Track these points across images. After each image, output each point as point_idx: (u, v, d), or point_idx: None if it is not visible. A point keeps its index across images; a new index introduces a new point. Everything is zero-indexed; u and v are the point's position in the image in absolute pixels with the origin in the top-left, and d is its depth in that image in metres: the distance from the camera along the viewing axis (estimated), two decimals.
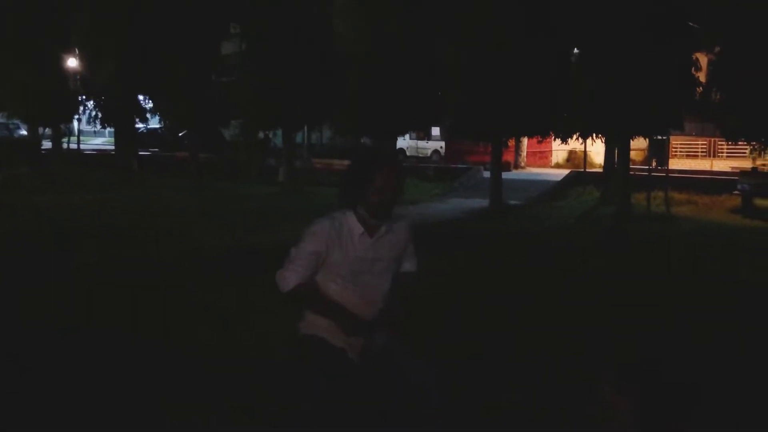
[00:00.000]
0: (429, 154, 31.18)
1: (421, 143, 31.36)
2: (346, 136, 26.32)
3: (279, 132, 23.95)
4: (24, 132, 31.71)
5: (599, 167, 23.34)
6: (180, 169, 24.53)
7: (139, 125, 27.28)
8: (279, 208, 16.89)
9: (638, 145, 20.94)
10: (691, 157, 28.83)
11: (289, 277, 2.88)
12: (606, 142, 18.99)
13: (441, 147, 30.98)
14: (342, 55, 19.64)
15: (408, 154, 30.95)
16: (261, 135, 27.09)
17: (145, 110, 25.57)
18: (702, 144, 28.85)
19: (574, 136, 18.03)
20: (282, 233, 12.76)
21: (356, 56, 18.94)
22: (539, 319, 6.52)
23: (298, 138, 26.29)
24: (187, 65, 21.69)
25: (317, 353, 2.89)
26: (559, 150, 29.52)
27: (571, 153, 29.36)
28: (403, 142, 29.39)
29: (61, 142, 29.00)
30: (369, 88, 18.35)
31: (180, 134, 28.78)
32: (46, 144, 29.16)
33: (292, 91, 19.83)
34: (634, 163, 21.68)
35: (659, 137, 17.67)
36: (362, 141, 25.50)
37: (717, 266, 10.06)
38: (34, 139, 28.46)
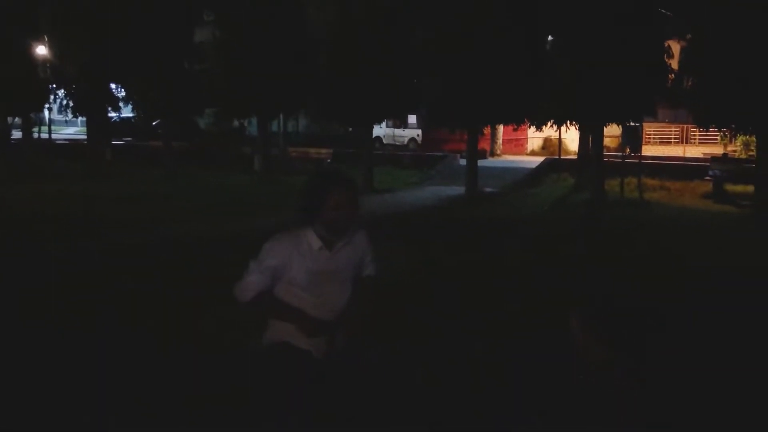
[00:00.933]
0: (406, 142, 31.19)
1: (398, 131, 31.35)
2: (322, 124, 26.26)
3: (254, 120, 23.78)
4: None
5: (574, 154, 23.51)
6: (154, 158, 24.28)
7: (112, 114, 26.89)
8: (254, 197, 16.81)
9: (612, 132, 21.11)
10: (664, 144, 29.17)
11: (248, 289, 2.99)
12: (580, 129, 19.13)
13: (418, 135, 31.00)
14: (316, 42, 19.51)
15: (385, 142, 30.94)
16: (236, 123, 26.90)
17: (117, 99, 25.17)
18: (675, 130, 29.20)
19: (549, 124, 18.11)
20: (256, 222, 12.74)
21: (331, 43, 18.82)
22: (511, 300, 6.56)
23: (274, 126, 26.10)
24: (160, 53, 21.40)
25: (283, 356, 2.97)
26: (534, 137, 29.69)
27: (547, 140, 29.55)
28: (380, 130, 29.35)
29: (32, 132, 28.47)
30: (344, 76, 18.25)
31: (154, 123, 28.43)
32: (16, 134, 28.65)
33: (267, 79, 19.68)
34: (608, 149, 21.88)
35: (632, 124, 17.82)
36: (349, 129, 25.33)
37: (686, 250, 10.21)
38: (3, 128, 27.91)
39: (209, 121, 28.74)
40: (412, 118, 30.30)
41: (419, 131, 30.84)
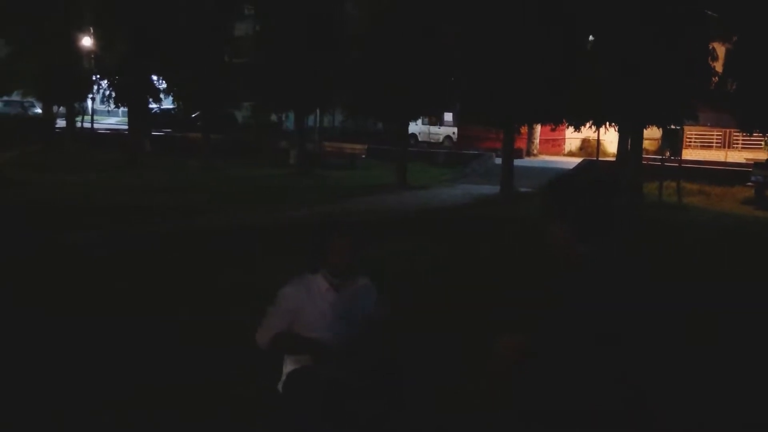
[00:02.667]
0: (441, 140, 31.09)
1: (433, 128, 31.25)
2: (357, 120, 26.32)
3: (291, 115, 23.96)
4: (38, 110, 31.90)
5: (612, 156, 23.18)
6: (192, 149, 24.63)
7: (153, 105, 27.34)
8: (288, 191, 16.94)
9: (652, 134, 20.79)
10: (705, 148, 28.56)
11: (267, 333, 3.30)
12: (619, 131, 18.83)
13: (453, 133, 30.87)
14: (355, 38, 19.57)
15: (420, 139, 30.88)
16: (273, 117, 27.13)
17: (158, 90, 25.62)
18: (717, 134, 28.56)
19: (588, 125, 17.90)
20: (290, 214, 12.87)
21: (369, 39, 18.85)
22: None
23: (310, 121, 26.27)
24: (201, 46, 21.69)
25: (302, 378, 3.22)
26: (572, 138, 29.34)
27: (585, 141, 29.18)
28: (415, 127, 29.25)
29: (75, 121, 29.16)
30: (381, 72, 18.26)
31: (193, 115, 28.85)
32: (60, 123, 29.33)
33: (305, 74, 19.81)
34: (647, 152, 21.53)
35: (673, 127, 17.51)
36: (384, 125, 25.35)
37: (721, 254, 9.99)
38: (48, 117, 28.61)
39: (247, 114, 29.04)
40: (447, 116, 30.23)
41: (455, 129, 30.71)
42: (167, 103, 28.97)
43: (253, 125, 27.49)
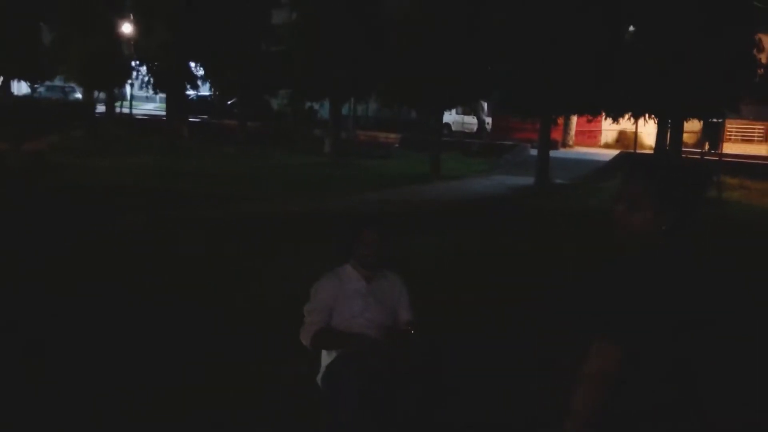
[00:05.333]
0: (474, 130, 30.90)
1: (467, 118, 31.06)
2: (392, 109, 26.29)
3: (326, 103, 24.03)
4: (79, 95, 32.46)
5: (650, 149, 22.84)
6: (228, 136, 24.85)
7: (190, 92, 27.64)
8: (322, 179, 17.02)
9: (691, 127, 20.40)
10: (746, 142, 27.94)
11: (310, 330, 3.39)
12: (659, 124, 18.54)
13: (488, 123, 30.66)
14: (390, 27, 19.52)
15: (453, 129, 30.71)
16: (308, 106, 27.23)
17: (196, 77, 25.89)
18: (759, 128, 27.92)
19: (626, 116, 17.64)
20: (323, 203, 12.95)
21: (407, 27, 18.77)
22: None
23: (345, 110, 26.32)
24: (238, 33, 21.84)
25: (346, 365, 3.28)
26: (609, 130, 28.94)
27: (621, 133, 28.75)
28: (449, 116, 29.09)
29: (114, 106, 29.62)
30: (418, 61, 18.19)
31: (229, 102, 29.10)
32: (100, 108, 29.81)
33: (341, 63, 19.84)
34: (686, 145, 21.15)
35: (714, 120, 17.18)
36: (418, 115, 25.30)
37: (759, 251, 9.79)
38: (89, 102, 29.11)
39: (283, 102, 29.21)
40: (483, 105, 30.01)
41: (489, 119, 30.50)
42: (204, 90, 29.27)
43: (289, 113, 27.62)
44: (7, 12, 24.31)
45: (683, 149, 18.26)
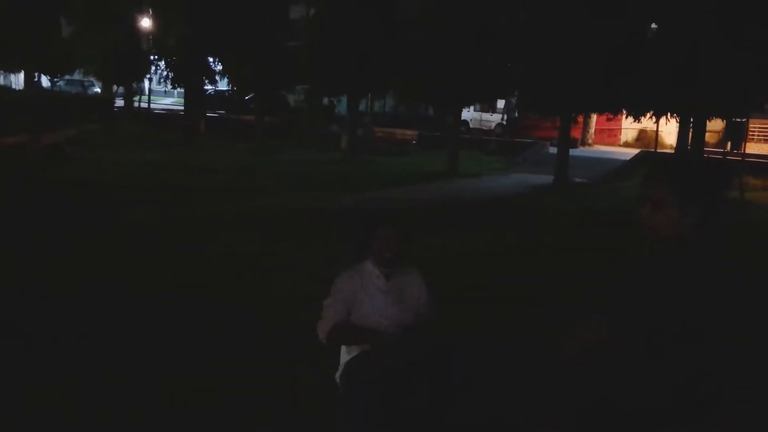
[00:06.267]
0: (493, 127, 30.68)
1: (486, 116, 30.84)
2: (409, 106, 26.16)
3: (343, 99, 23.94)
4: (98, 90, 32.67)
5: (670, 148, 22.53)
6: (244, 131, 24.86)
7: (208, 87, 27.73)
8: (338, 176, 16.94)
9: (713, 126, 20.07)
10: None
11: (327, 324, 3.34)
12: (680, 123, 18.24)
13: (504, 120, 30.42)
14: (408, 24, 19.37)
15: (471, 126, 30.50)
16: (325, 101, 27.15)
17: (214, 72, 25.93)
18: None
19: (648, 115, 17.37)
20: (338, 200, 12.85)
21: (423, 24, 18.62)
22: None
23: (362, 106, 26.21)
24: (256, 28, 21.80)
25: (363, 363, 3.24)
26: (629, 129, 28.62)
27: (642, 132, 28.42)
28: (467, 113, 28.89)
29: (133, 101, 29.76)
30: (434, 57, 18.03)
31: (246, 97, 29.10)
32: (119, 102, 29.96)
33: (359, 58, 19.73)
34: (708, 145, 20.81)
35: (738, 119, 16.87)
36: (435, 112, 25.20)
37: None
38: (107, 97, 29.27)
39: (299, 98, 29.17)
40: (500, 103, 29.76)
41: (506, 116, 30.26)
42: (222, 85, 29.32)
43: (305, 109, 27.58)
44: (28, 6, 24.44)
45: (705, 149, 17.94)
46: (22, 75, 28.28)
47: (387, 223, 3.38)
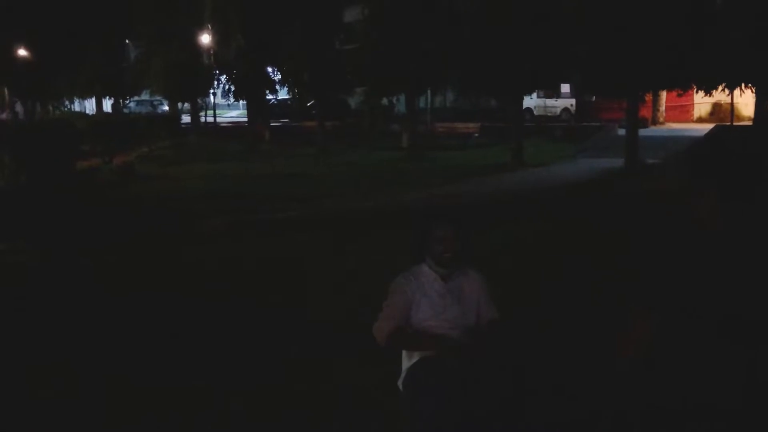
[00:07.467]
0: (558, 113, 29.90)
1: (550, 101, 30.05)
2: (470, 99, 25.81)
3: (402, 98, 23.87)
4: (166, 108, 33.73)
5: (748, 120, 21.38)
6: (308, 137, 25.15)
7: (270, 97, 28.18)
8: (400, 173, 16.87)
9: None
10: None
11: (383, 329, 3.24)
12: (756, 93, 17.25)
13: (571, 105, 29.61)
14: (464, 13, 19.08)
15: (536, 113, 29.77)
16: (385, 101, 27.17)
17: (273, 82, 26.34)
18: None
19: (720, 88, 16.52)
20: (403, 196, 12.77)
21: (479, 11, 18.29)
22: None
23: (422, 103, 26.06)
24: (311, 35, 21.99)
25: (427, 367, 3.16)
26: (701, 103, 27.38)
27: (716, 106, 27.16)
28: (530, 101, 28.16)
29: (199, 116, 30.58)
30: (494, 46, 17.67)
31: (308, 104, 29.44)
32: (186, 118, 30.84)
33: (415, 56, 19.60)
34: None
35: None
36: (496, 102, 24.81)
37: None
38: (174, 114, 30.18)
39: (360, 100, 29.31)
40: (564, 87, 28.97)
41: (572, 101, 29.44)
42: (283, 94, 29.75)
43: (366, 110, 27.66)
44: (95, 33, 25.49)
45: None
46: (93, 100, 29.48)
47: (443, 222, 3.26)
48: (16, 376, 4.41)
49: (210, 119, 32.64)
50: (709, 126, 24.39)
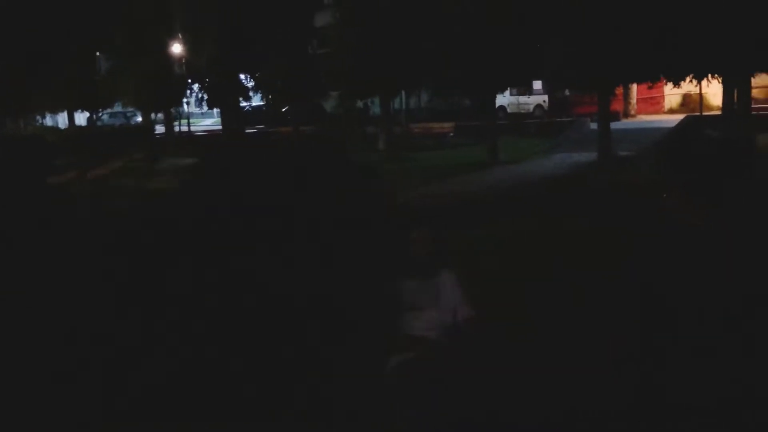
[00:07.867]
0: (531, 110, 30.13)
1: (523, 98, 30.25)
2: (444, 98, 25.95)
3: (377, 100, 23.94)
4: (140, 119, 33.45)
5: (717, 110, 21.72)
6: (284, 143, 25.06)
7: (244, 104, 28.07)
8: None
9: (761, 81, 19.28)
10: None
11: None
12: (723, 82, 17.56)
13: (544, 101, 29.84)
14: (434, 14, 19.18)
15: (509, 111, 29.95)
16: (359, 104, 27.22)
17: (247, 89, 26.25)
18: None
19: (688, 78, 16.78)
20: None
21: (450, 12, 18.40)
22: None
23: (397, 104, 26.14)
24: (283, 40, 21.98)
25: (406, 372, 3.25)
26: (672, 95, 27.76)
27: (686, 96, 27.54)
28: (503, 98, 28.36)
29: (173, 126, 30.37)
30: (463, 44, 17.78)
31: (283, 110, 29.39)
32: (160, 128, 30.60)
33: (388, 58, 19.67)
34: (756, 101, 20.01)
35: None
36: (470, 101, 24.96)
37: None
38: (147, 125, 29.93)
39: (335, 104, 29.33)
40: (536, 84, 29.21)
41: (545, 97, 29.68)
42: (257, 101, 29.66)
43: (341, 114, 27.69)
44: (65, 47, 25.20)
45: (754, 106, 17.23)
46: (66, 114, 29.18)
47: (418, 226, 3.37)
48: None
49: (185, 128, 32.45)
50: (680, 116, 24.76)
